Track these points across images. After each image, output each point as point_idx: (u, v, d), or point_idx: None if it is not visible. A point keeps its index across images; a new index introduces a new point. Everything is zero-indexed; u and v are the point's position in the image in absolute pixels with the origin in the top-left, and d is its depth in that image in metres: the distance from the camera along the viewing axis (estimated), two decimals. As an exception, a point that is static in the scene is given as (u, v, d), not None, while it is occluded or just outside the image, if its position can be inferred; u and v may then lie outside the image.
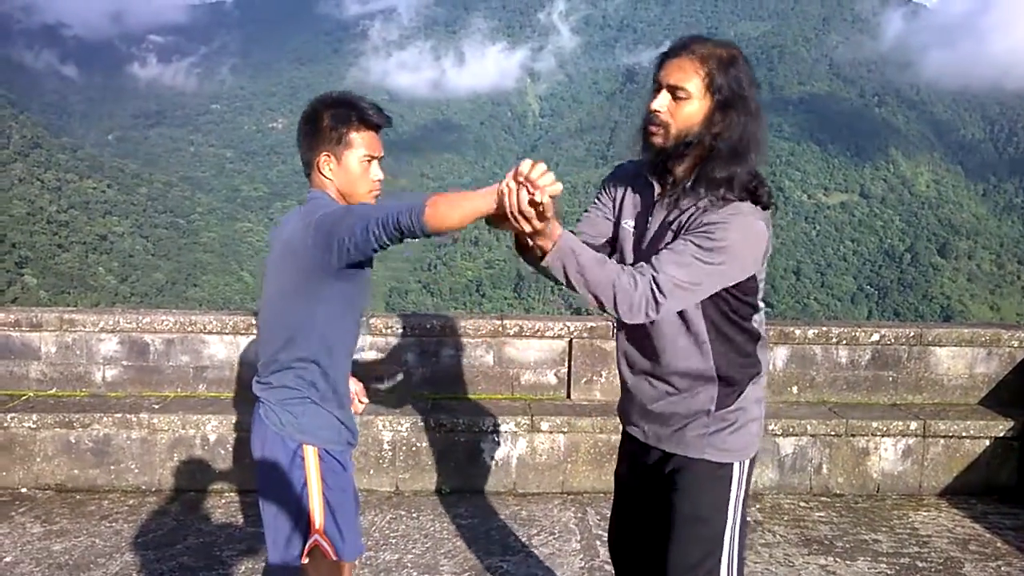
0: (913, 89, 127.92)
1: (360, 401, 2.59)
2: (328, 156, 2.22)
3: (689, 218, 2.02)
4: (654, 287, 1.91)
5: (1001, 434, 4.71)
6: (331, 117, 2.21)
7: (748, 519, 2.36)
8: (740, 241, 1.95)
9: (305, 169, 2.29)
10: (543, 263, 1.92)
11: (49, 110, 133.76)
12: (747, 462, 2.18)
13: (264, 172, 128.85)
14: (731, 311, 2.08)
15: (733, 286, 2.03)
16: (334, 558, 2.25)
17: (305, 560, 2.24)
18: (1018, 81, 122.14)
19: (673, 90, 1.99)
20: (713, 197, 1.98)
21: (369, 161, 2.25)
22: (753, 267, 2.03)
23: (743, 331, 2.12)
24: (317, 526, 2.22)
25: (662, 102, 2.00)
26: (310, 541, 2.22)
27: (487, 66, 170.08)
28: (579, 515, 4.28)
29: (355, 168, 2.23)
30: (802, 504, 4.52)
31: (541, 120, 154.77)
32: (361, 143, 2.24)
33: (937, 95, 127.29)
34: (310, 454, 2.25)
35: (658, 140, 2.01)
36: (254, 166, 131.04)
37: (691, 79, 1.97)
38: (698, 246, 1.94)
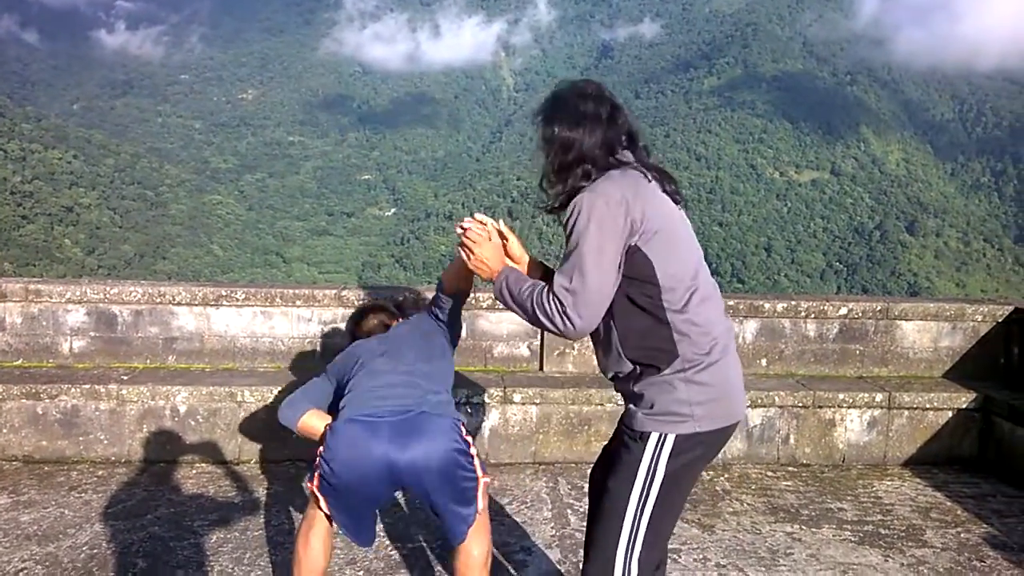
0: (885, 68, 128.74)
1: None
2: None
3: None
4: (555, 300, 2.12)
5: (964, 406, 4.81)
6: None
7: (675, 506, 2.29)
8: (588, 213, 2.09)
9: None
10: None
11: (12, 78, 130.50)
12: (667, 438, 2.17)
13: (233, 144, 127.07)
14: (632, 295, 2.16)
15: (627, 270, 2.13)
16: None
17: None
18: (988, 61, 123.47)
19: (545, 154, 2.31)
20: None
21: None
22: (623, 231, 2.09)
23: (651, 316, 2.16)
24: (481, 474, 2.68)
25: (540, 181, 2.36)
26: (482, 486, 2.69)
27: (463, 39, 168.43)
28: (551, 485, 4.32)
29: None
30: (769, 474, 4.60)
31: (515, 95, 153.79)
32: None
33: (908, 75, 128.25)
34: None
35: (552, 202, 2.33)
36: (223, 137, 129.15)
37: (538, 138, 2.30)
38: (567, 249, 2.14)
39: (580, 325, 2.11)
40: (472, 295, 4.93)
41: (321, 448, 2.59)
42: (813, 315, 5.12)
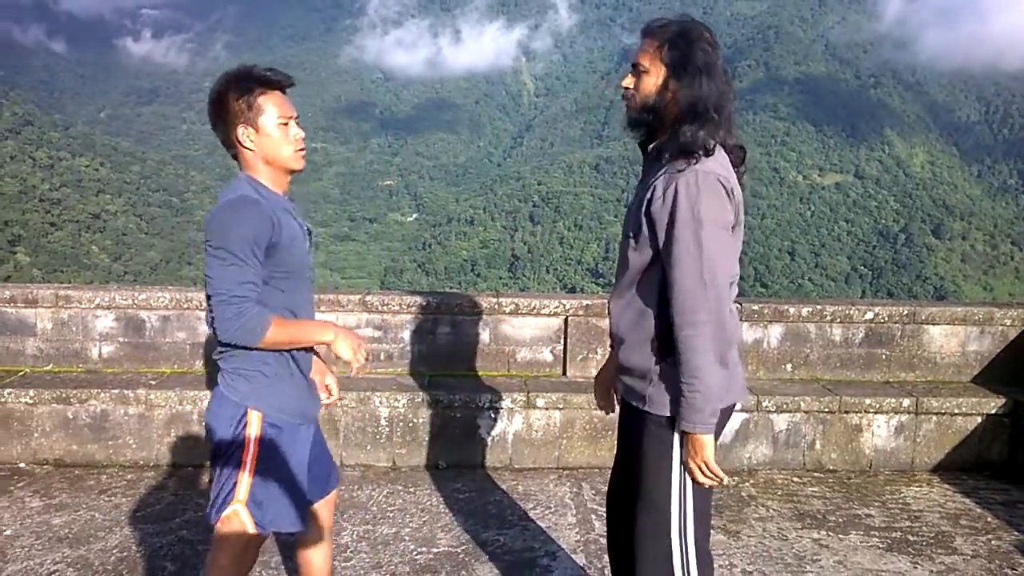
0: (909, 70, 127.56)
1: (329, 394, 2.65)
2: (245, 127, 2.26)
3: (651, 193, 2.17)
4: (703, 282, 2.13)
5: (993, 411, 4.75)
6: (235, 90, 2.26)
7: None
8: (698, 205, 2.08)
9: (229, 151, 2.33)
10: None
11: (40, 87, 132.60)
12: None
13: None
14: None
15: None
16: (251, 529, 2.29)
17: (220, 524, 2.30)
18: (1015, 62, 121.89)
19: (635, 67, 2.24)
20: (672, 161, 2.14)
21: (285, 123, 2.30)
22: (729, 222, 2.15)
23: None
24: (240, 496, 2.28)
25: (628, 79, 2.26)
26: (229, 509, 2.28)
27: (484, 45, 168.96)
28: (575, 490, 4.31)
29: (273, 132, 2.28)
30: (795, 479, 4.57)
31: (536, 100, 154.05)
32: (272, 105, 2.28)
33: (933, 76, 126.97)
34: (254, 420, 2.29)
35: (630, 112, 2.27)
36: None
37: (646, 55, 2.21)
38: (694, 225, 2.10)
39: (718, 305, 2.12)
40: (495, 300, 4.95)
41: None
42: (839, 319, 5.08)
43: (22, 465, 4.43)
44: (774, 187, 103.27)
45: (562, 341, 5.01)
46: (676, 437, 2.20)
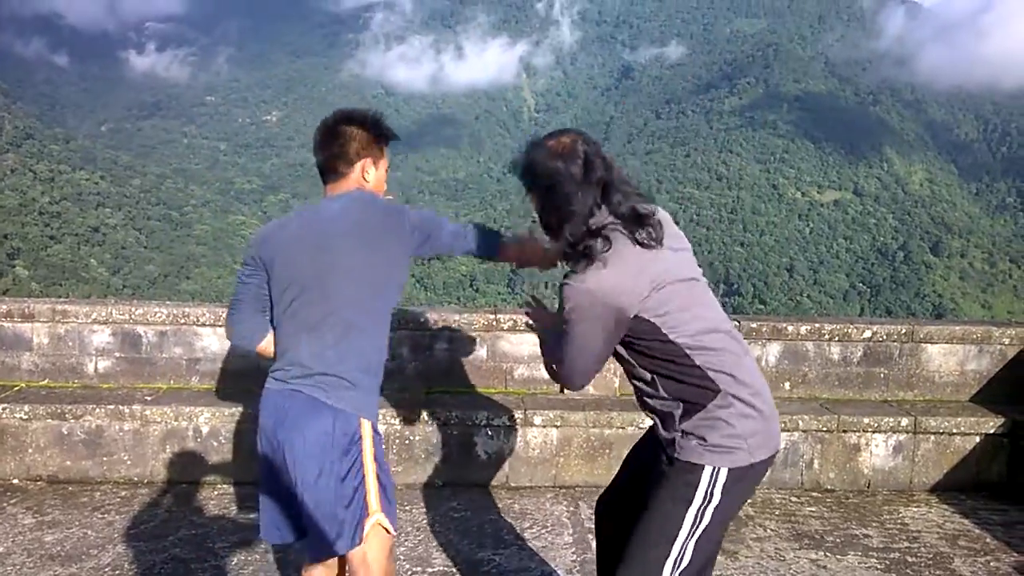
0: (908, 88, 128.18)
1: None
2: (370, 162, 2.55)
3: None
4: (553, 370, 2.36)
5: (991, 431, 4.73)
6: (374, 131, 2.55)
7: (719, 534, 2.29)
8: (574, 310, 2.16)
9: (334, 174, 2.55)
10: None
11: (41, 100, 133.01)
12: (721, 471, 2.17)
13: (258, 165, 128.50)
14: (656, 353, 2.20)
15: (628, 336, 2.19)
16: (392, 532, 2.36)
17: (363, 545, 2.32)
18: (1014, 81, 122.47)
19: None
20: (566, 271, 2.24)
21: (386, 171, 2.65)
22: (610, 322, 2.15)
23: (679, 365, 2.19)
24: (374, 506, 2.31)
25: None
26: (370, 522, 2.30)
27: (486, 61, 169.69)
28: (571, 509, 4.29)
29: (383, 174, 2.62)
30: (793, 499, 4.54)
31: (537, 115, 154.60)
32: (387, 154, 2.63)
33: (932, 94, 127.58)
34: (367, 428, 2.34)
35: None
36: (248, 159, 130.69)
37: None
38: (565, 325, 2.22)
39: (574, 388, 2.34)
40: (493, 317, 4.94)
41: None
42: (837, 338, 5.07)
43: (15, 481, 4.41)
44: (773, 204, 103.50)
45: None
46: (702, 483, 2.17)
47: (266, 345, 2.47)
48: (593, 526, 2.49)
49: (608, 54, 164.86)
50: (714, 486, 2.16)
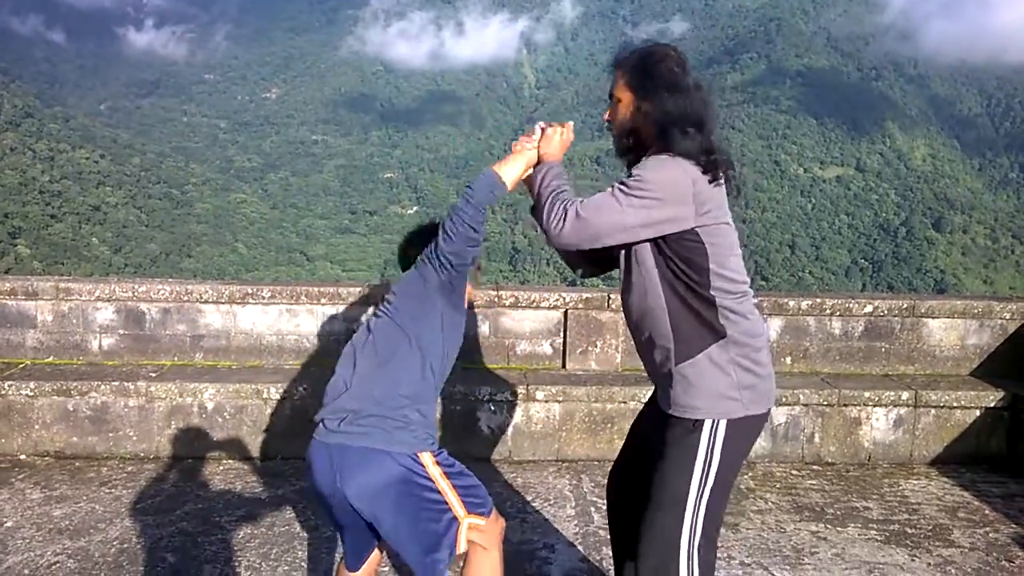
0: (911, 63, 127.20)
1: None
2: None
3: None
4: (563, 208, 2.20)
5: (991, 404, 4.76)
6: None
7: (728, 487, 2.32)
8: (654, 175, 2.15)
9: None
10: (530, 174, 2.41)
11: (40, 79, 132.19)
12: (720, 424, 2.20)
13: (257, 143, 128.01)
14: (682, 274, 2.21)
15: (674, 244, 2.18)
16: (488, 519, 2.37)
17: (463, 548, 2.34)
18: (1017, 55, 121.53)
19: (611, 98, 2.38)
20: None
21: None
22: (677, 206, 2.14)
23: (698, 297, 2.22)
24: (461, 513, 2.32)
25: (608, 112, 2.40)
26: (463, 527, 2.31)
27: (486, 37, 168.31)
28: (574, 482, 4.33)
29: None
30: (794, 472, 4.58)
31: (537, 92, 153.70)
32: None
33: (935, 69, 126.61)
34: (427, 459, 2.32)
35: (614, 140, 2.41)
36: (247, 136, 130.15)
37: (617, 84, 2.35)
38: (619, 185, 2.19)
39: (562, 238, 2.19)
40: (495, 293, 4.96)
41: None
42: (838, 313, 5.09)
43: (23, 457, 4.45)
44: (775, 180, 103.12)
45: (562, 334, 5.02)
46: (703, 440, 2.21)
47: None
48: (595, 499, 2.53)
49: (610, 30, 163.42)
50: (714, 443, 2.20)
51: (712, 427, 2.20)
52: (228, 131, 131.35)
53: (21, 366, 4.73)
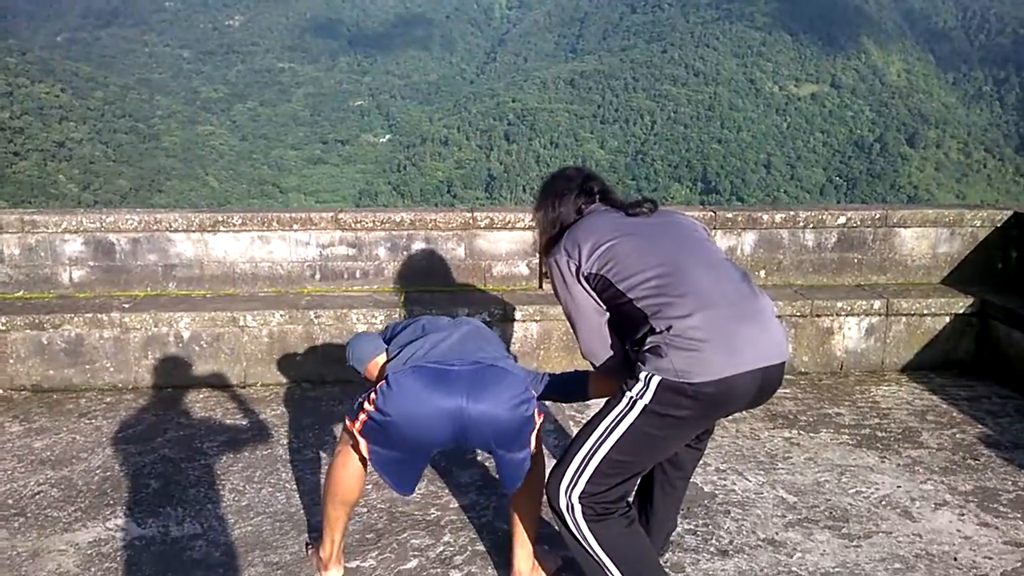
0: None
1: None
2: None
3: None
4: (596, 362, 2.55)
5: (961, 311, 4.85)
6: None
7: (644, 446, 2.29)
8: (552, 276, 2.51)
9: None
10: None
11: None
12: (653, 378, 2.19)
13: (223, 72, 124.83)
14: (612, 304, 2.39)
15: (598, 290, 2.40)
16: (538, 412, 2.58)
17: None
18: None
19: None
20: None
21: None
22: (575, 274, 2.42)
23: (623, 311, 2.35)
24: (538, 417, 2.57)
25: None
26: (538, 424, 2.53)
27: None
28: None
29: None
30: (768, 383, 4.66)
31: (508, 12, 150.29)
32: None
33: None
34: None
35: None
36: (212, 66, 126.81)
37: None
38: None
39: (599, 362, 2.50)
40: (470, 215, 4.92)
41: (373, 395, 2.43)
42: (812, 225, 5.11)
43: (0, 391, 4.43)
44: (750, 99, 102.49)
45: (537, 254, 5.01)
46: (637, 385, 2.22)
47: None
48: (573, 413, 2.57)
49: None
50: (647, 388, 2.20)
51: (646, 378, 2.21)
52: (192, 61, 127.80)
53: (-9, 301, 4.66)
